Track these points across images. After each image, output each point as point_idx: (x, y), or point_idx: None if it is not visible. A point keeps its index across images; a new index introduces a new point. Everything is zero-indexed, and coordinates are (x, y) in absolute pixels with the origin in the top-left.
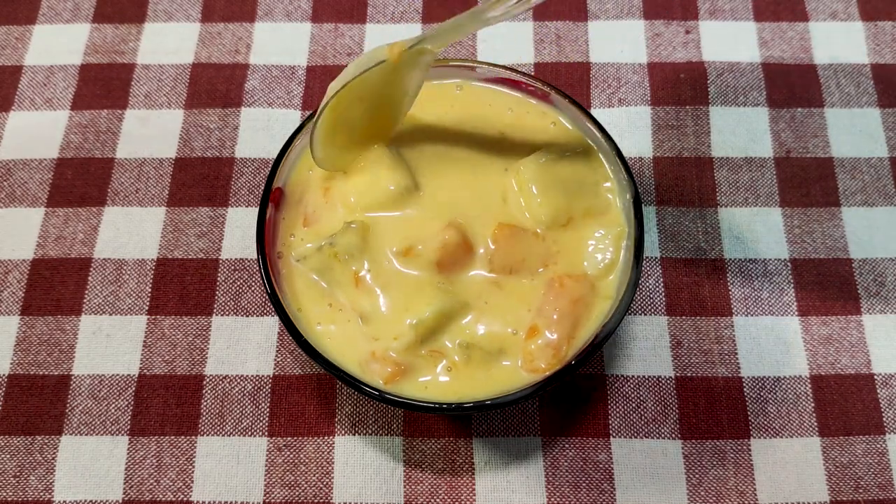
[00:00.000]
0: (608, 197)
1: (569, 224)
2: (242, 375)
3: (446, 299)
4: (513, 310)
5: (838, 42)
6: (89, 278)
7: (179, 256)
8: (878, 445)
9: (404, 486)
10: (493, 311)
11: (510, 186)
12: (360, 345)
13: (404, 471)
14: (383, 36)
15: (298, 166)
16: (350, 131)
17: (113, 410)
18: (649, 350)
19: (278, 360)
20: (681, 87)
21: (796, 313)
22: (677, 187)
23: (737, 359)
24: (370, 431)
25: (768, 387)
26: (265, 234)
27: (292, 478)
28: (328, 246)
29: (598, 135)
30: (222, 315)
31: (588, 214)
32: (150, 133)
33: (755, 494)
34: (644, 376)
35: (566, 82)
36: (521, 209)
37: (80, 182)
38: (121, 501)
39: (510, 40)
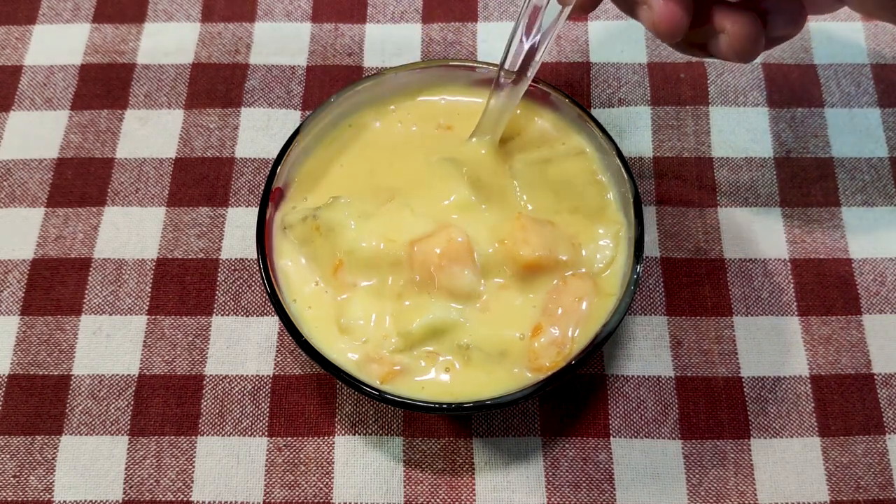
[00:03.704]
0: (607, 197)
1: (556, 222)
2: (242, 375)
3: (440, 306)
4: (513, 311)
5: (838, 42)
6: (89, 278)
7: (179, 256)
8: (878, 445)
9: (404, 486)
10: (491, 313)
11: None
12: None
13: (404, 471)
14: (383, 36)
15: (305, 161)
16: None
17: (113, 410)
18: (649, 350)
19: (278, 360)
20: (681, 87)
21: (796, 313)
22: (677, 187)
23: (737, 359)
24: (370, 431)
25: (768, 387)
26: (265, 234)
27: (292, 478)
28: (311, 218)
29: (599, 135)
30: (222, 315)
31: (581, 213)
32: (150, 133)
33: (755, 494)
34: (644, 376)
35: (566, 82)
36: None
37: (80, 182)
38: (121, 501)
39: None
